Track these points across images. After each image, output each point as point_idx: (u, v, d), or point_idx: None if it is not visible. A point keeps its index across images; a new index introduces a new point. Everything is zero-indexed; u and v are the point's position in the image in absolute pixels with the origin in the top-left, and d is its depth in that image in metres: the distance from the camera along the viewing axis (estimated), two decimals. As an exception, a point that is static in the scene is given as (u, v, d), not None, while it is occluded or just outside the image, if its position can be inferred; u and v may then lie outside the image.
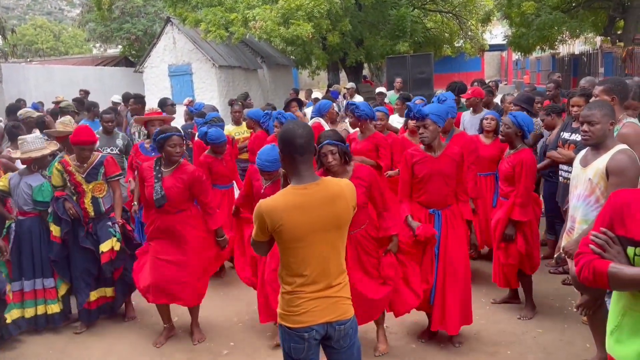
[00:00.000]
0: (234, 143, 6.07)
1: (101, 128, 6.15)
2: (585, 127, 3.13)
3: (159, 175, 4.03)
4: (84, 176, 4.42)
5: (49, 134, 5.43)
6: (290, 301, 2.42)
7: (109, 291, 4.64)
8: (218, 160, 5.38)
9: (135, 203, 5.21)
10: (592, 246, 1.94)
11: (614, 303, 2.05)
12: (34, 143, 4.52)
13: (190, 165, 4.24)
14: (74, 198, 4.45)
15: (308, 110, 8.13)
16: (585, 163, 3.23)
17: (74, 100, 9.11)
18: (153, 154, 5.13)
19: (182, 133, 4.24)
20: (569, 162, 4.61)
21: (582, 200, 3.20)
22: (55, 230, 4.44)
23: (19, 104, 9.15)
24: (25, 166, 4.61)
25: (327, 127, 6.06)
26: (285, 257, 2.42)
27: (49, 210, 4.47)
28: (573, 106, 4.78)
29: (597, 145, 3.14)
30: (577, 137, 4.57)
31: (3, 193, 4.57)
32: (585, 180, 3.18)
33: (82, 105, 8.60)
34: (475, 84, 7.51)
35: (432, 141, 3.76)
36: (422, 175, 3.79)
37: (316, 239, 2.37)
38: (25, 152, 4.47)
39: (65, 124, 5.31)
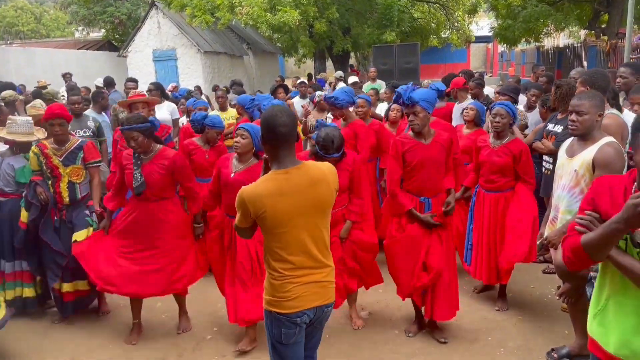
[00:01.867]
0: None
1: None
2: (573, 116, 3.12)
3: (139, 162, 3.92)
4: (61, 159, 4.27)
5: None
6: (280, 287, 2.42)
7: (83, 284, 4.39)
8: (202, 151, 4.96)
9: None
10: (577, 227, 1.97)
11: (597, 288, 2.08)
12: (23, 126, 4.44)
13: (170, 151, 4.10)
14: (49, 182, 4.29)
15: (296, 100, 8.08)
16: (571, 153, 3.22)
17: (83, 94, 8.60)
18: None
19: (147, 125, 3.93)
20: (550, 153, 4.68)
21: (567, 191, 3.21)
22: (23, 215, 4.30)
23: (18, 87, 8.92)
24: (7, 147, 4.52)
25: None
26: (270, 242, 2.43)
27: (24, 193, 4.36)
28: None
29: (584, 136, 3.14)
30: (559, 128, 4.63)
31: None
32: (570, 170, 3.18)
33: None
34: (460, 74, 7.53)
35: (422, 128, 3.72)
36: (414, 163, 3.76)
37: (299, 223, 2.38)
38: (12, 132, 4.39)
39: (36, 107, 5.21)
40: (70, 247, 4.14)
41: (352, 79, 10.49)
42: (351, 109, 5.22)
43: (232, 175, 3.75)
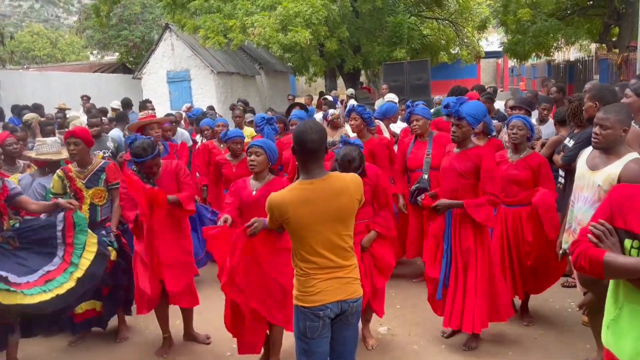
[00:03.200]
0: None
1: None
2: (597, 129, 3.08)
3: (151, 180, 4.04)
4: (84, 182, 4.30)
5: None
6: (305, 282, 2.63)
7: (97, 305, 4.39)
8: (230, 165, 5.26)
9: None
10: (589, 235, 2.00)
11: (610, 296, 2.09)
12: (53, 146, 4.59)
13: (173, 161, 4.30)
14: None
15: (317, 116, 8.14)
16: (593, 166, 3.18)
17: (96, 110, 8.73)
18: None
19: (156, 150, 4.06)
20: (560, 168, 4.71)
21: (589, 204, 3.17)
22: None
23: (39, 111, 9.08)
24: (37, 168, 4.64)
25: (385, 131, 6.16)
26: (295, 244, 2.65)
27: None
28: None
29: (608, 149, 3.09)
30: (571, 142, 4.65)
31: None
32: (593, 185, 3.15)
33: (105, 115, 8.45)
34: (473, 90, 7.55)
35: (462, 141, 3.86)
36: (442, 167, 4.02)
37: (321, 230, 2.58)
38: (42, 153, 4.51)
39: (76, 123, 5.37)
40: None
41: (390, 96, 9.50)
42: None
43: (254, 193, 3.73)
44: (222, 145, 5.85)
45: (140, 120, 5.61)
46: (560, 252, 3.57)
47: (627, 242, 1.96)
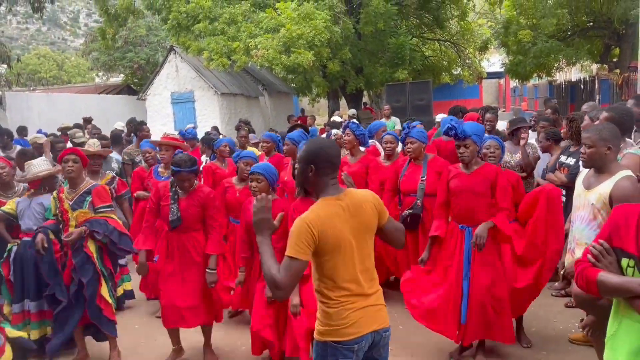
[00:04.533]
0: None
1: None
2: (582, 149, 3.21)
3: (176, 197, 4.08)
4: (70, 203, 4.21)
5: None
6: (336, 314, 2.38)
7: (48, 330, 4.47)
8: (234, 189, 5.03)
9: None
10: (588, 255, 2.07)
11: (612, 313, 2.12)
12: (40, 165, 4.60)
13: (206, 187, 4.31)
14: (60, 226, 4.27)
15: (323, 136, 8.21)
16: (588, 185, 3.25)
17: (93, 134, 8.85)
18: (162, 179, 5.19)
19: (195, 168, 4.13)
20: (563, 185, 4.72)
21: (586, 223, 3.23)
22: None
23: (59, 137, 9.07)
24: (33, 190, 4.65)
25: (380, 149, 6.18)
26: (323, 270, 2.40)
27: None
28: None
29: (599, 168, 3.16)
30: (571, 160, 4.67)
31: (10, 216, 4.61)
32: (587, 203, 3.20)
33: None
34: (480, 111, 7.52)
35: (471, 160, 3.90)
36: (454, 189, 3.97)
37: (354, 248, 2.40)
38: (34, 174, 4.53)
39: (90, 145, 5.43)
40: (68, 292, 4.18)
41: (335, 118, 10.42)
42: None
43: (237, 194, 3.97)
44: (224, 165, 5.87)
45: (163, 140, 5.72)
46: (562, 272, 3.58)
47: (624, 262, 2.01)
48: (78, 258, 4.12)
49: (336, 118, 12.18)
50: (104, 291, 4.20)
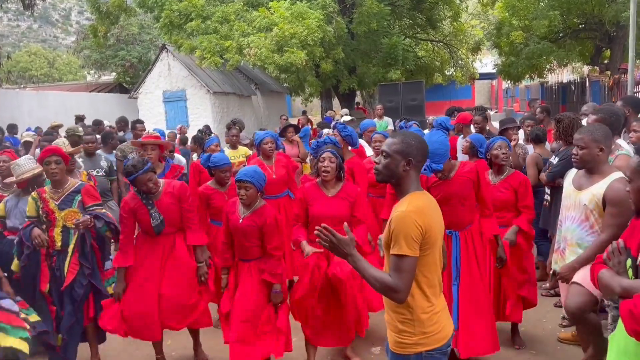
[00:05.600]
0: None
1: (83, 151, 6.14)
2: (574, 149, 3.22)
3: (150, 202, 3.93)
4: (57, 203, 4.04)
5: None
6: (428, 320, 2.25)
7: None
8: (220, 194, 4.66)
9: None
10: (604, 253, 2.19)
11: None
12: (26, 164, 4.49)
13: (175, 181, 4.17)
14: (44, 227, 4.05)
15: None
16: (579, 186, 3.25)
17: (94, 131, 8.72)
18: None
19: (148, 167, 3.92)
20: (548, 185, 4.79)
21: (577, 224, 3.24)
22: (14, 264, 4.08)
23: (52, 134, 8.93)
24: (20, 190, 4.57)
25: (368, 148, 6.10)
26: (420, 267, 2.23)
27: (15, 240, 4.11)
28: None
29: (591, 169, 3.18)
30: (555, 160, 4.73)
31: (1, 218, 4.51)
32: (579, 204, 3.21)
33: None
34: (474, 111, 7.53)
35: (450, 171, 3.68)
36: (439, 197, 3.62)
37: (439, 243, 2.32)
38: (19, 175, 4.43)
39: (59, 145, 5.32)
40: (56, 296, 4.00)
41: (347, 117, 10.51)
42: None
43: (241, 221, 3.73)
44: (222, 188, 5.67)
45: (144, 139, 5.50)
46: (551, 272, 3.59)
47: (628, 262, 2.10)
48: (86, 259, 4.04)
49: (345, 117, 12.17)
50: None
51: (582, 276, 3.05)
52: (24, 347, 3.53)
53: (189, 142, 8.94)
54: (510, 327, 4.39)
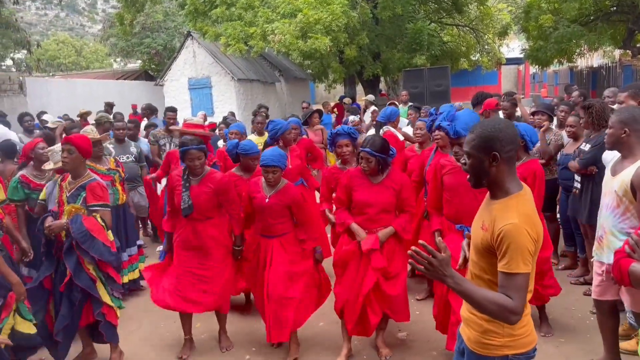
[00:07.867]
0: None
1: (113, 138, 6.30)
2: (607, 130, 3.22)
3: (187, 184, 4.08)
4: (67, 195, 3.92)
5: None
6: (519, 323, 2.02)
7: None
8: (244, 180, 4.63)
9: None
10: (625, 246, 2.04)
11: None
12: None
13: (218, 173, 4.27)
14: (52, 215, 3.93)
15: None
16: (614, 172, 3.19)
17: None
18: None
19: (203, 147, 4.08)
20: (577, 172, 4.72)
21: (610, 211, 3.18)
22: None
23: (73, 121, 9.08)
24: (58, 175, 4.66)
25: (399, 135, 6.10)
26: None
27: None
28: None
29: (622, 152, 3.12)
30: (587, 147, 4.63)
31: (44, 202, 4.57)
32: (612, 190, 3.15)
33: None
34: (503, 96, 7.38)
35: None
36: (450, 186, 3.66)
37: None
38: (57, 161, 4.54)
39: (87, 132, 5.42)
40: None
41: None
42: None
43: (267, 200, 3.95)
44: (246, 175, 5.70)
45: (185, 127, 5.43)
46: (592, 260, 3.54)
47: None
48: (71, 263, 3.80)
49: (370, 97, 12.20)
50: (105, 296, 3.90)
51: None
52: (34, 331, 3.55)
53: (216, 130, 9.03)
54: (538, 315, 4.37)
